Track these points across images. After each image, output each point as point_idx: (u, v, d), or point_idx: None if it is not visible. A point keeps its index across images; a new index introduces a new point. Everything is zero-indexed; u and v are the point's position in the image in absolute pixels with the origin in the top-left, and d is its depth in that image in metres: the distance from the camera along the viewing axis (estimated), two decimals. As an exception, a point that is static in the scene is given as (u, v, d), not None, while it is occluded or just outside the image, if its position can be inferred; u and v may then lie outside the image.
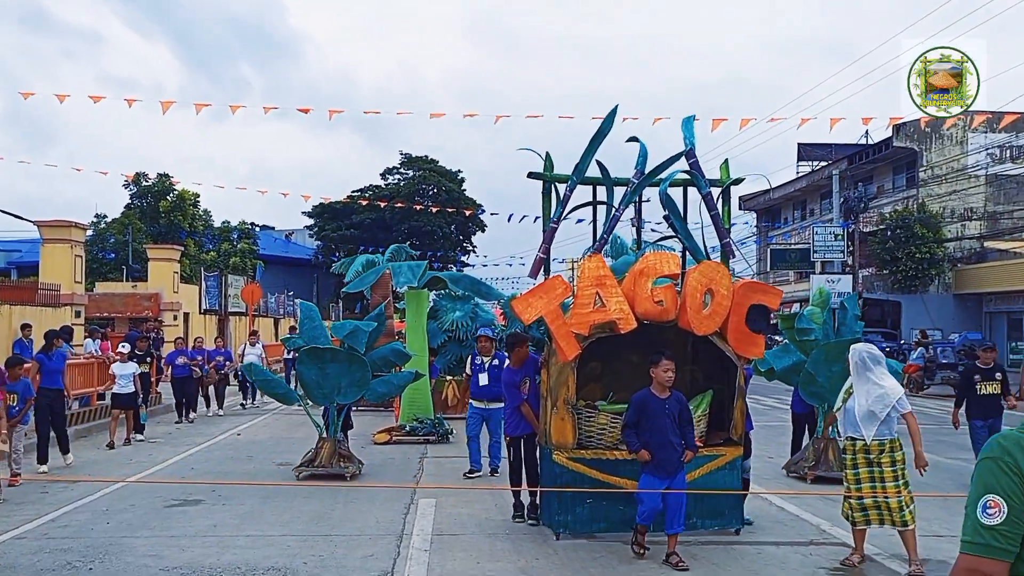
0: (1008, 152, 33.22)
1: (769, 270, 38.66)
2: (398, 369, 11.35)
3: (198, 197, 39.33)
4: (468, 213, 45.15)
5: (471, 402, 10.29)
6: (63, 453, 10.74)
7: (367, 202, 44.77)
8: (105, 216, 39.95)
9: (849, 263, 31.96)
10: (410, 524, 7.74)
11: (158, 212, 37.86)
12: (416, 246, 36.55)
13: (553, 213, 7.44)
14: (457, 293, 16.96)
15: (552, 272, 7.68)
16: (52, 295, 19.03)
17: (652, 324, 7.10)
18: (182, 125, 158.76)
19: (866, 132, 36.88)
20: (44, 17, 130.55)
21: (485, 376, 9.95)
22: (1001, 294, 30.81)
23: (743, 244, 39.55)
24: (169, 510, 8.34)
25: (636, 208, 8.64)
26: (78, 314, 19.93)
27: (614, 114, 7.55)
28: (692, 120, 7.54)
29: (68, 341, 14.29)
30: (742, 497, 7.52)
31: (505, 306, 17.15)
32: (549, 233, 7.44)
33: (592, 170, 7.50)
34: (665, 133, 27.75)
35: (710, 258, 7.54)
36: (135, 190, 38.63)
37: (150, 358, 14.74)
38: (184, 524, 7.76)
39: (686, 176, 7.64)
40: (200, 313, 30.17)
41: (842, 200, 32.87)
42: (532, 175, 7.53)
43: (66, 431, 11.03)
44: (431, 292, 16.73)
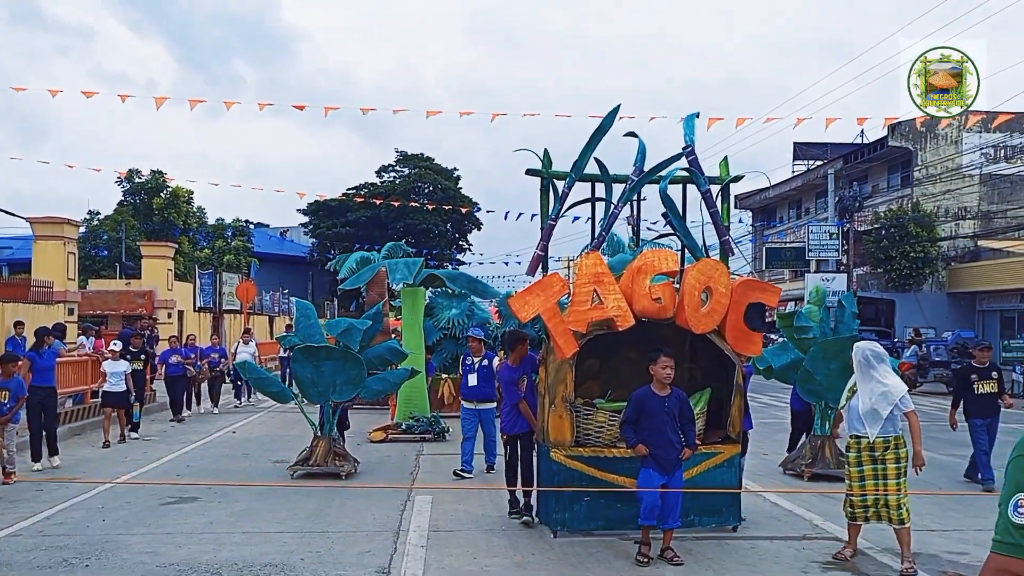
0: (1002, 152, 33.36)
1: (764, 268, 38.73)
2: (394, 367, 11.33)
3: (192, 194, 39.31)
4: (464, 211, 45.10)
5: (463, 403, 10.27)
6: (51, 455, 10.59)
7: (363, 199, 44.76)
8: (98, 213, 39.92)
9: (844, 262, 32.06)
10: (407, 521, 7.73)
11: (152, 209, 37.75)
12: (412, 244, 36.49)
13: (551, 210, 7.42)
14: (454, 291, 16.93)
15: (549, 270, 7.67)
16: (45, 292, 18.96)
17: (650, 322, 7.10)
18: (176, 121, 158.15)
19: (862, 132, 37.38)
20: (37, 13, 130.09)
21: (475, 377, 9.93)
22: (994, 293, 30.96)
23: (739, 243, 39.63)
24: (165, 507, 8.31)
25: (635, 206, 8.61)
26: (71, 311, 19.86)
27: (615, 113, 7.50)
28: (694, 118, 7.50)
29: (60, 339, 14.24)
30: (739, 494, 7.53)
31: (501, 304, 17.14)
32: (547, 230, 7.42)
33: (591, 168, 7.49)
34: (663, 132, 27.79)
35: (709, 256, 7.54)
36: (128, 187, 38.51)
37: (144, 356, 14.67)
38: (180, 521, 7.74)
39: (685, 173, 7.62)
40: (195, 311, 30.07)
41: (837, 199, 33.00)
42: (531, 171, 7.51)
43: (55, 432, 10.91)
44: (427, 290, 16.71)
